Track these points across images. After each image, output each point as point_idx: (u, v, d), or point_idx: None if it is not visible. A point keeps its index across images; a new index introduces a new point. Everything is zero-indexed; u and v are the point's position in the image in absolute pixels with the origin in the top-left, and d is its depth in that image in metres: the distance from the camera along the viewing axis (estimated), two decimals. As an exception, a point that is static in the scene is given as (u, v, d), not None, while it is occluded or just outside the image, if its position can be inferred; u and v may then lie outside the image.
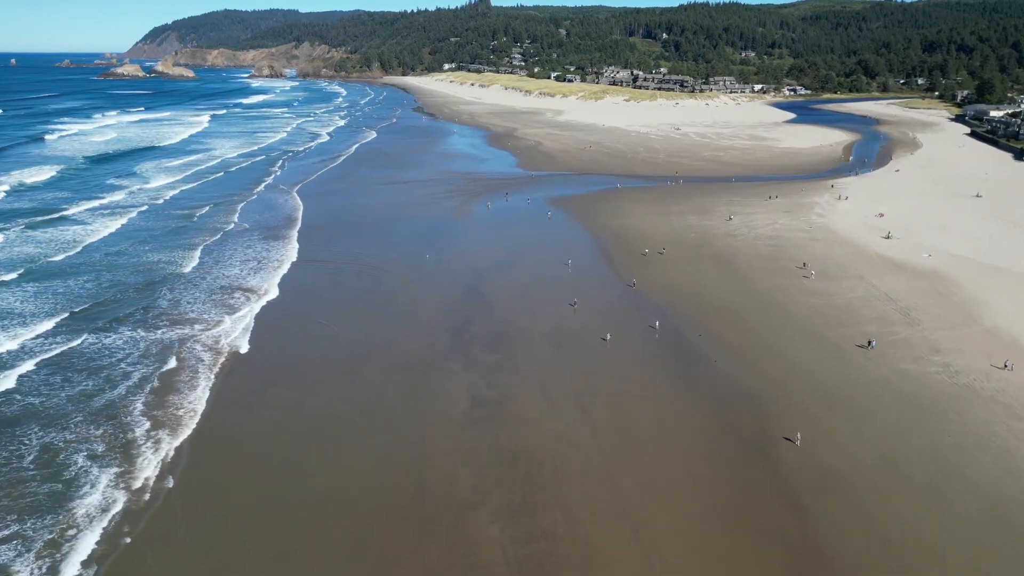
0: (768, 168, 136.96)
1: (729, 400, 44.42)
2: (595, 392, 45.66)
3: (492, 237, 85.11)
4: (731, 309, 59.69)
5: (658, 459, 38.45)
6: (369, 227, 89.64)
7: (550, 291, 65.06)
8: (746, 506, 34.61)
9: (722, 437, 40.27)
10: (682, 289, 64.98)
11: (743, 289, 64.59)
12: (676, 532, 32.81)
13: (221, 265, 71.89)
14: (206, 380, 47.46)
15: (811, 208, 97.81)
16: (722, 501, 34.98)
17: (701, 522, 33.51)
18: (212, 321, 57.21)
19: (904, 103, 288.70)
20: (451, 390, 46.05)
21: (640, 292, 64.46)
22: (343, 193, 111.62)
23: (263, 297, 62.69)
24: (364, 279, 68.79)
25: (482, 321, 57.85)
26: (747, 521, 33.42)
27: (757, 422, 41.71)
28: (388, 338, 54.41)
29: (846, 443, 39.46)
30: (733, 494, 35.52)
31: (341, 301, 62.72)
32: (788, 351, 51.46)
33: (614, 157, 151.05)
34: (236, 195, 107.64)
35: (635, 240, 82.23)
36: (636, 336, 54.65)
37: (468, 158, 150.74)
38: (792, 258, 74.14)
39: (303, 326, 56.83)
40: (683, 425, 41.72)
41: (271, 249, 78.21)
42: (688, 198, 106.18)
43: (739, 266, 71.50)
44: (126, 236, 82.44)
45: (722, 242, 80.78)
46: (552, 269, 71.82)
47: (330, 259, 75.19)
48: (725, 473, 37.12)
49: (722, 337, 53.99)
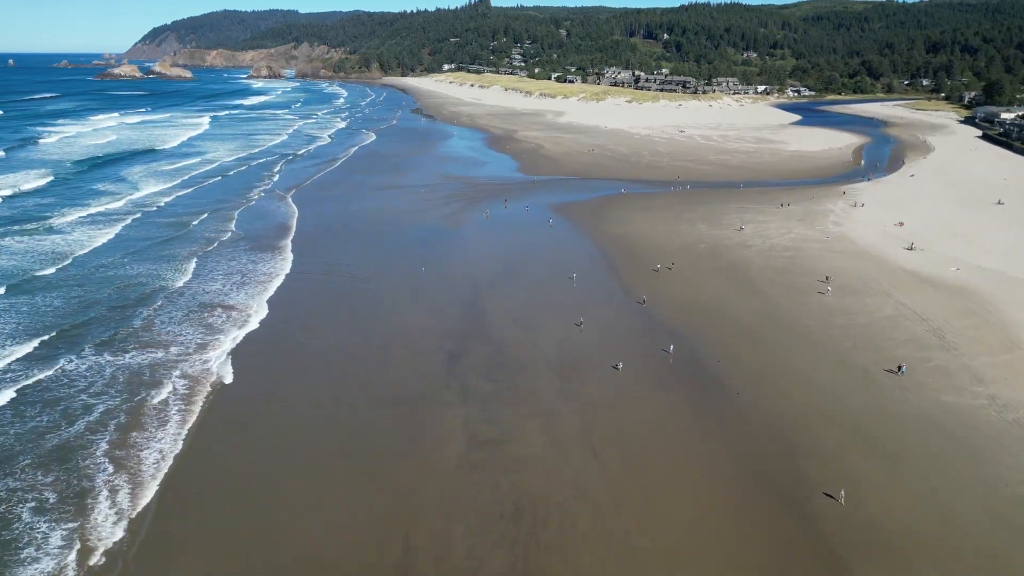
0: (777, 173, 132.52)
1: (757, 441, 39.89)
2: (606, 430, 41.15)
3: (491, 247, 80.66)
4: (750, 330, 55.20)
5: (681, 513, 33.97)
6: (364, 236, 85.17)
7: (554, 308, 60.60)
8: (784, 572, 30.15)
9: (753, 488, 35.75)
10: (696, 307, 60.49)
11: (761, 307, 60.09)
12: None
13: (211, 280, 67.14)
14: (179, 415, 42.94)
15: (826, 216, 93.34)
16: (756, 565, 30.51)
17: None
18: (194, 345, 52.63)
19: (910, 104, 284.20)
20: (445, 427, 41.56)
21: (650, 310, 59.99)
22: (339, 199, 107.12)
23: (251, 318, 57.90)
24: (356, 296, 64.29)
25: (480, 344, 53.36)
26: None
27: (791, 469, 37.18)
28: (378, 365, 49.92)
29: (892, 495, 34.90)
30: (769, 557, 31.05)
31: (331, 322, 58.17)
32: (816, 380, 46.96)
33: (618, 161, 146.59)
34: (232, 202, 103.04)
35: (643, 250, 77.78)
36: (649, 362, 50.16)
37: (467, 162, 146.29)
38: (810, 271, 69.65)
39: (290, 352, 52.28)
40: (708, 472, 37.19)
41: (263, 261, 73.47)
42: (696, 205, 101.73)
43: (755, 280, 67.01)
44: (114, 248, 77.40)
45: (735, 253, 76.31)
46: (555, 283, 67.38)
47: (323, 272, 70.68)
48: (759, 531, 32.63)
49: (743, 364, 49.50)
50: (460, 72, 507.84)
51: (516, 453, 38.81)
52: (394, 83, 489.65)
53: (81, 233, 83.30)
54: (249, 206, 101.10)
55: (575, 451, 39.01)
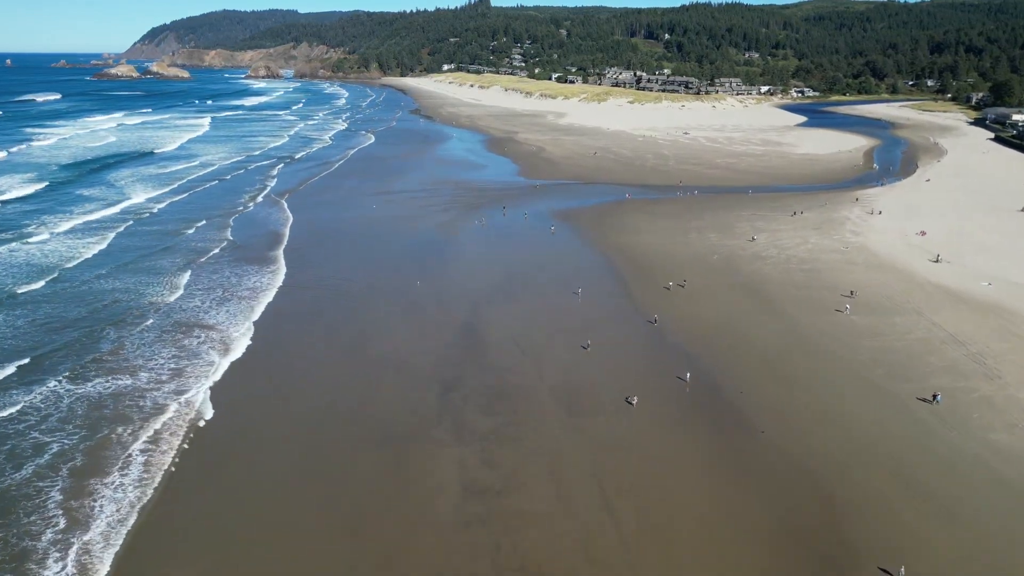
0: (786, 177, 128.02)
1: (789, 490, 35.39)
2: (619, 476, 36.66)
3: (491, 258, 76.20)
4: (771, 355, 50.71)
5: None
6: (358, 246, 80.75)
7: (558, 329, 56.13)
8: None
9: (788, 550, 31.27)
10: (712, 327, 55.98)
11: (782, 328, 55.60)
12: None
13: (198, 298, 62.02)
14: (145, 457, 38.48)
15: (842, 224, 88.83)
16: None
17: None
18: (170, 375, 47.96)
19: (916, 105, 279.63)
20: (438, 472, 37.07)
21: (663, 330, 55.51)
22: (334, 205, 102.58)
23: (235, 343, 53.09)
24: (347, 315, 59.76)
25: (478, 370, 48.89)
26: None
27: (830, 526, 32.69)
28: (367, 396, 45.40)
29: (957, 569, 30.36)
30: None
31: (319, 347, 53.58)
32: (849, 416, 42.47)
33: (621, 164, 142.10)
34: (226, 208, 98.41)
35: (652, 262, 73.31)
36: (663, 392, 45.65)
37: (466, 165, 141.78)
38: (832, 287, 65.15)
39: (274, 382, 47.67)
40: (735, 530, 32.70)
41: (254, 274, 68.55)
42: (705, 212, 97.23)
43: (773, 298, 62.52)
44: (102, 261, 72.30)
45: (750, 266, 71.81)
46: (559, 299, 62.91)
47: (314, 287, 66.05)
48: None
49: (766, 396, 45.00)
50: (460, 72, 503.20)
51: (518, 506, 34.33)
52: (393, 83, 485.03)
53: (69, 244, 78.63)
54: (243, 213, 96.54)
55: (585, 503, 34.52)
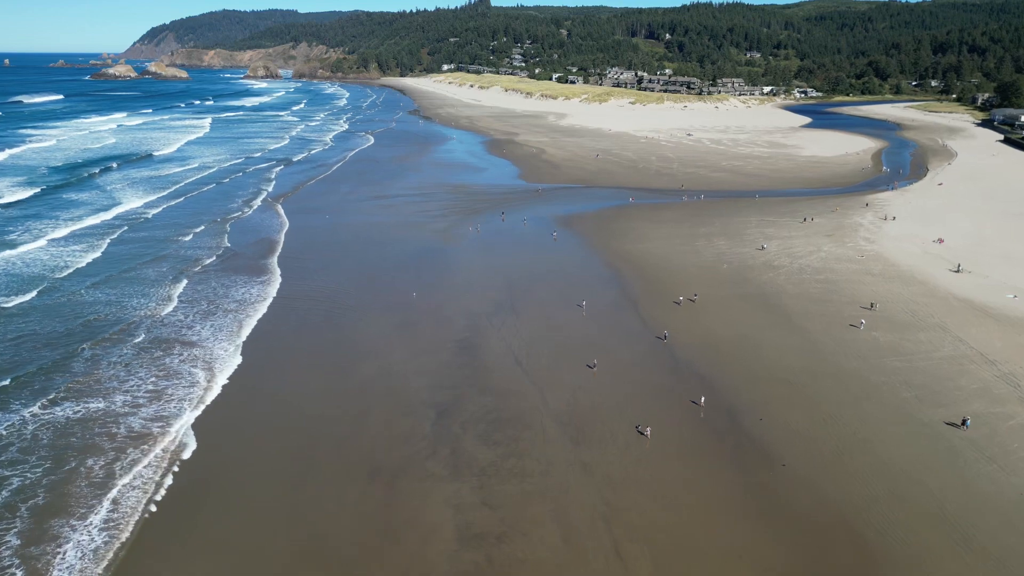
0: (794, 180, 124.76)
1: (820, 533, 32.16)
2: (631, 517, 33.41)
3: (490, 267, 72.94)
4: (790, 376, 47.45)
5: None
6: (354, 255, 77.45)
7: (562, 346, 52.91)
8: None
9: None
10: (725, 345, 52.73)
11: (801, 346, 52.35)
12: None
13: (188, 313, 58.90)
14: (116, 495, 35.27)
15: (855, 231, 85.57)
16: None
17: None
18: (149, 400, 44.79)
19: (921, 106, 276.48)
20: (432, 513, 33.83)
21: (673, 348, 52.27)
22: (332, 210, 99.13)
23: (222, 362, 49.83)
24: (340, 332, 56.42)
25: (476, 393, 45.63)
26: None
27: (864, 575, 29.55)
28: (357, 423, 42.12)
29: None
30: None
31: (310, 368, 50.16)
32: (878, 445, 39.23)
33: (624, 167, 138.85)
34: (223, 215, 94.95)
35: (659, 272, 70.07)
36: (676, 418, 42.40)
37: (466, 168, 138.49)
38: (850, 299, 61.92)
39: (260, 409, 44.36)
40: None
41: (247, 285, 65.55)
42: (712, 217, 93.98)
43: (789, 311, 59.26)
44: (92, 272, 68.92)
45: (762, 276, 68.55)
46: (562, 313, 59.66)
47: (307, 300, 62.67)
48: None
49: (787, 422, 41.76)
50: (459, 72, 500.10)
51: (520, 553, 31.11)
52: (392, 83, 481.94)
53: (58, 253, 75.45)
54: (239, 219, 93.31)
55: (594, 549, 31.29)
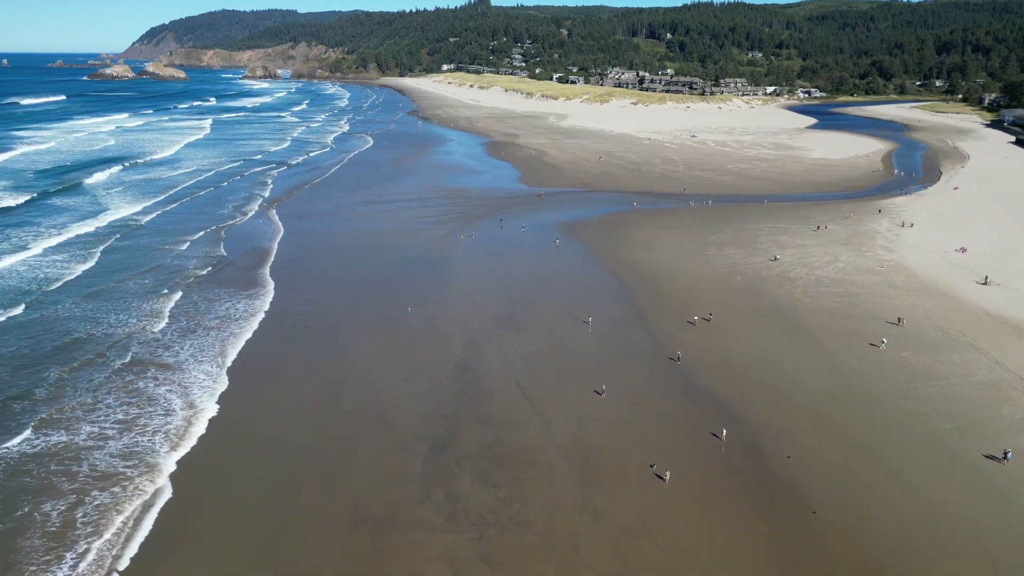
0: (803, 184, 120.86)
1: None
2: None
3: (490, 279, 69.09)
4: (816, 405, 43.57)
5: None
6: (349, 266, 73.55)
7: (567, 367, 49.07)
8: None
9: None
10: (744, 367, 48.87)
11: (825, 369, 48.48)
12: None
13: (170, 332, 54.80)
14: (76, 546, 31.49)
15: (872, 239, 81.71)
16: None
17: None
18: (120, 434, 41.12)
19: (928, 107, 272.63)
20: (423, 569, 29.98)
21: (688, 371, 48.41)
22: (327, 217, 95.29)
23: (205, 393, 45.83)
24: (329, 353, 52.45)
25: (474, 424, 41.77)
26: None
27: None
28: (342, 461, 38.21)
29: None
30: None
31: (295, 392, 46.31)
32: (921, 488, 35.39)
33: (628, 170, 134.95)
34: (217, 222, 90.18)
35: (669, 284, 66.20)
36: (695, 455, 38.53)
37: (465, 171, 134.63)
38: (873, 315, 58.07)
39: (243, 445, 40.46)
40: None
41: (234, 302, 60.97)
42: (721, 224, 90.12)
43: (810, 329, 55.39)
44: (80, 285, 64.59)
45: (778, 289, 64.67)
46: (567, 330, 55.83)
47: (297, 316, 58.60)
48: None
49: (817, 460, 37.87)
50: (459, 72, 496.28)
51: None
52: (391, 84, 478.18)
53: (46, 265, 71.25)
54: (234, 226, 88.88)
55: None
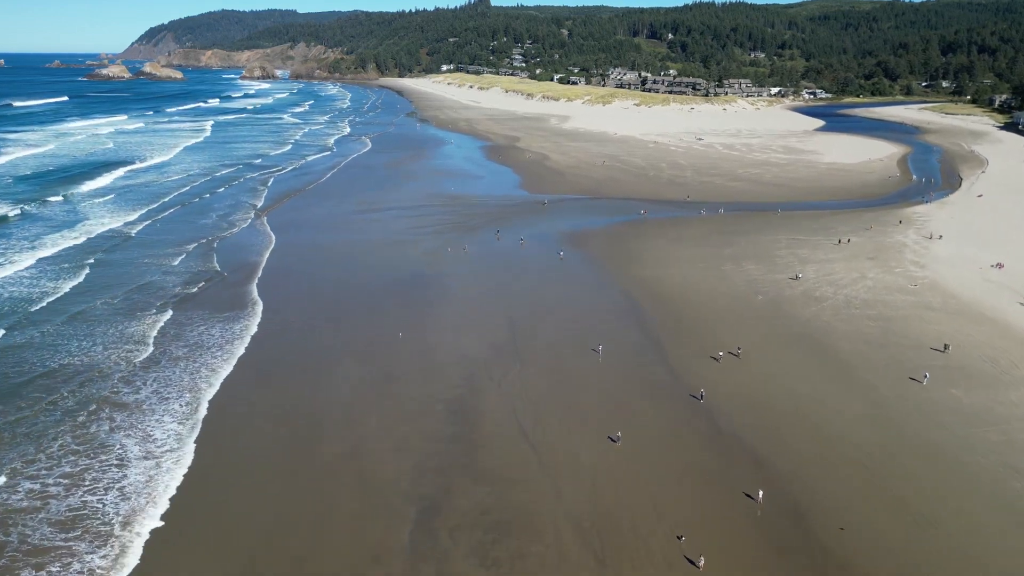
0: (818, 191, 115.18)
1: None
2: None
3: (489, 298, 63.53)
4: (865, 457, 37.97)
5: None
6: (339, 283, 67.91)
7: (576, 408, 43.51)
8: None
9: None
10: (776, 408, 43.29)
11: (869, 411, 42.85)
12: None
13: (137, 373, 49.49)
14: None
15: (900, 253, 76.16)
16: None
17: None
18: (67, 486, 35.66)
19: (936, 108, 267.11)
20: None
21: (714, 411, 42.84)
22: (321, 227, 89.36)
23: (171, 446, 40.70)
24: (311, 390, 46.82)
25: (470, 482, 36.19)
26: None
27: None
28: (315, 535, 32.55)
29: None
30: None
31: (268, 444, 40.77)
32: (995, 564, 29.88)
33: (633, 175, 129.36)
34: (207, 236, 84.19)
35: (684, 305, 60.62)
36: (728, 524, 32.94)
37: (464, 176, 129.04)
38: (913, 343, 52.50)
39: (205, 519, 35.20)
40: None
41: (217, 326, 55.72)
42: (736, 235, 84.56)
43: (845, 359, 49.80)
44: (56, 310, 58.65)
45: (804, 312, 59.06)
46: (575, 360, 50.30)
47: (281, 342, 53.38)
48: None
49: (873, 530, 32.28)
50: (459, 73, 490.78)
51: None
52: (390, 84, 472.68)
53: (24, 283, 65.77)
54: (223, 240, 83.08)
55: None
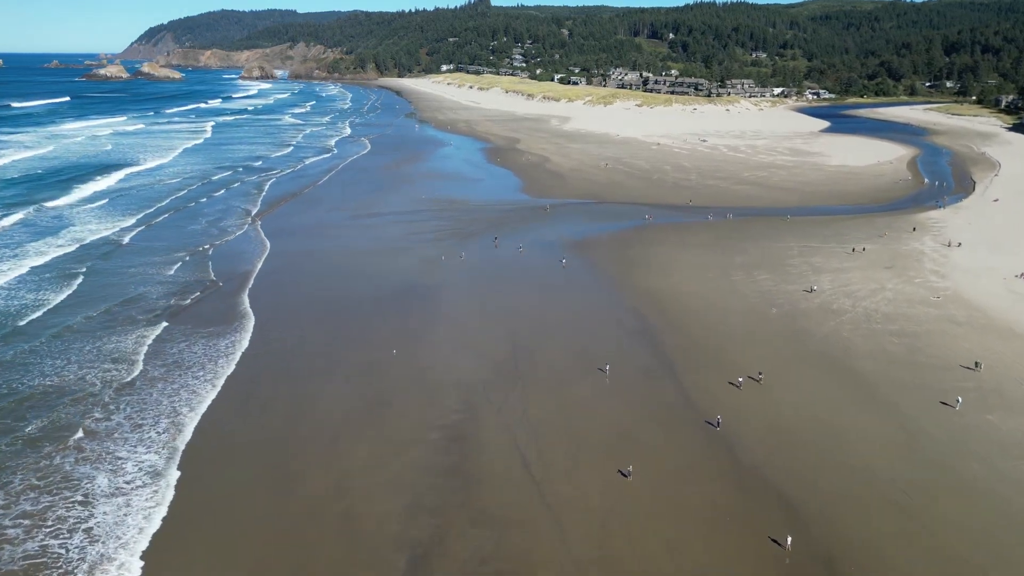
0: (827, 195, 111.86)
1: None
2: None
3: (488, 312, 60.29)
4: (901, 496, 34.67)
5: None
6: (332, 296, 64.58)
7: (583, 436, 40.26)
8: None
9: None
10: (800, 438, 40.00)
11: (901, 443, 39.53)
12: None
13: (118, 402, 46.66)
14: None
15: (919, 262, 72.93)
16: None
17: None
18: (25, 534, 32.53)
19: (942, 108, 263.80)
20: None
21: (732, 441, 39.58)
22: (317, 234, 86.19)
23: (148, 484, 37.72)
24: (296, 417, 43.72)
25: (467, 524, 32.95)
26: None
27: None
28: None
29: None
30: None
31: (248, 482, 37.86)
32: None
33: (637, 178, 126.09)
34: (199, 244, 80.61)
35: (695, 319, 57.38)
36: (754, 572, 29.76)
37: (464, 180, 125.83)
38: (942, 361, 49.26)
39: (187, 561, 32.10)
40: None
41: (206, 344, 52.79)
42: (745, 241, 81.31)
43: (870, 381, 46.53)
44: (33, 333, 54.70)
45: (822, 326, 55.78)
46: (580, 381, 47.09)
47: (270, 362, 50.27)
48: None
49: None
50: (459, 73, 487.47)
51: None
52: (390, 85, 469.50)
53: (10, 296, 62.61)
54: (218, 248, 79.84)
55: None
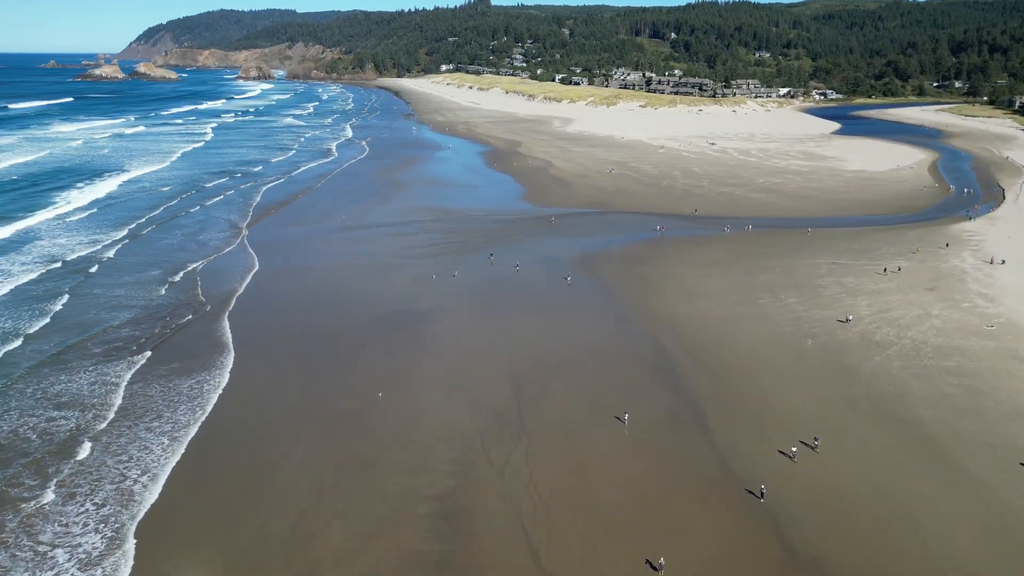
0: (848, 204, 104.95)
1: None
2: None
3: (488, 345, 53.64)
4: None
5: None
6: (315, 322, 58.20)
7: (601, 512, 33.69)
8: None
9: None
10: (861, 515, 33.32)
11: (985, 523, 32.87)
12: None
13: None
14: None
15: (962, 282, 66.24)
16: None
17: None
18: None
19: (954, 109, 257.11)
20: None
21: (781, 521, 32.95)
22: (307, 250, 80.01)
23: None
24: (264, 484, 37.28)
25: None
26: None
27: None
28: None
29: None
30: None
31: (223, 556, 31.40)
32: None
33: (646, 185, 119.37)
34: (180, 262, 74.37)
35: (722, 355, 50.70)
36: None
37: (463, 187, 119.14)
38: (1011, 409, 42.63)
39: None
40: None
41: (183, 389, 46.68)
42: (769, 258, 74.64)
43: (933, 436, 39.85)
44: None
45: (867, 363, 49.11)
46: (595, 435, 40.51)
47: (244, 405, 43.83)
48: None
49: None
50: (458, 73, 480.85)
51: None
52: (389, 85, 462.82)
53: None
54: (203, 268, 73.22)
55: None
